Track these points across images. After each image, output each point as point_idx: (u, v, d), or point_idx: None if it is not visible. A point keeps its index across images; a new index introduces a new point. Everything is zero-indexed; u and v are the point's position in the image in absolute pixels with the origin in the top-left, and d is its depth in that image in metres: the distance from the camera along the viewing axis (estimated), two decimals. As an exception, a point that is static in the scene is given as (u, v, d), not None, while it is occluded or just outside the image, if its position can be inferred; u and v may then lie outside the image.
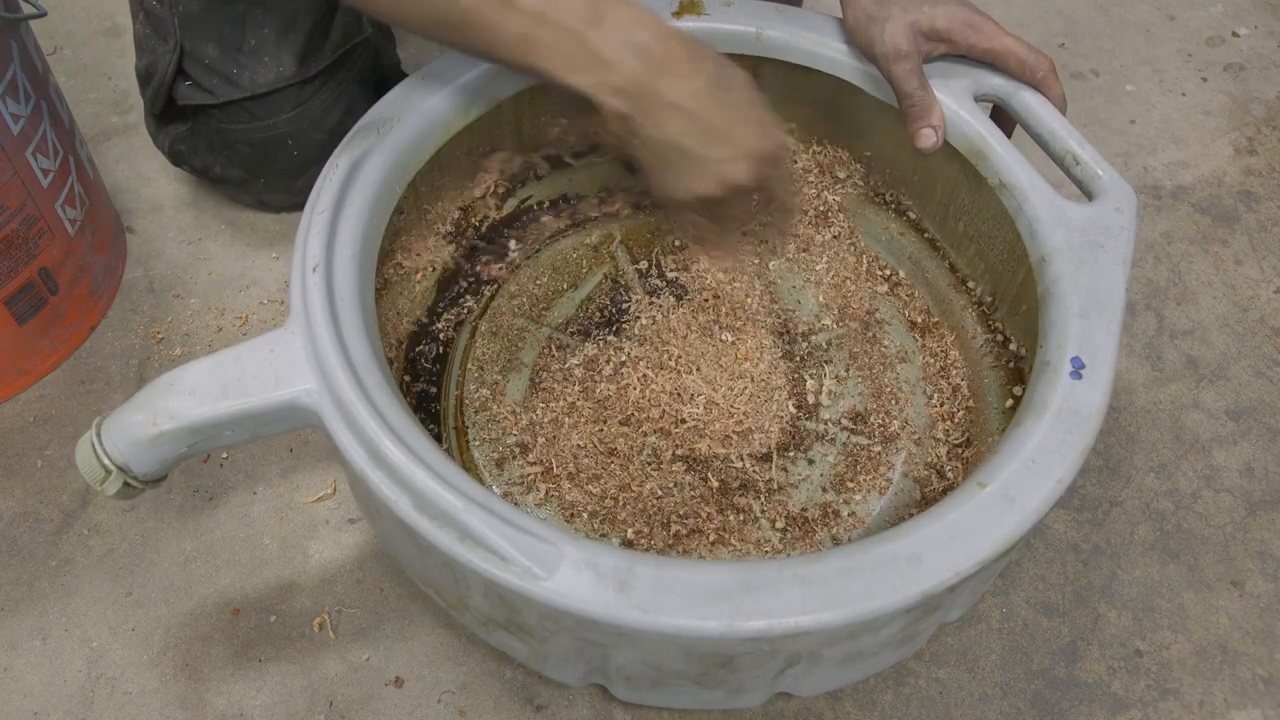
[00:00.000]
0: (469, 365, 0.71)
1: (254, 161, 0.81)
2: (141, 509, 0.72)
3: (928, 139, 0.65)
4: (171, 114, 0.81)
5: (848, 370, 0.72)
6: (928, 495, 0.66)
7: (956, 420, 0.69)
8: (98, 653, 0.67)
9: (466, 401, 0.70)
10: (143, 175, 0.92)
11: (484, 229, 0.76)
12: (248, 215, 0.89)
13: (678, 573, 0.47)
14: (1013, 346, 0.68)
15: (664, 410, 0.68)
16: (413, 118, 0.64)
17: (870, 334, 0.74)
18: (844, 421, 0.70)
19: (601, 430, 0.67)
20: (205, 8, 0.76)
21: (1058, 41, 1.07)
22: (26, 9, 0.69)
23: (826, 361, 0.72)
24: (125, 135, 0.95)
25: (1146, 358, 0.84)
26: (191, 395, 0.53)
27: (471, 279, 0.75)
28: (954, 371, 0.71)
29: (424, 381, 0.71)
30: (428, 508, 0.49)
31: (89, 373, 0.79)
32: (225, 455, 0.75)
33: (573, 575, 0.47)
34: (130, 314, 0.83)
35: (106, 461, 0.53)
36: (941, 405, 0.70)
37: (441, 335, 0.72)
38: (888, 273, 0.77)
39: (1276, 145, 0.99)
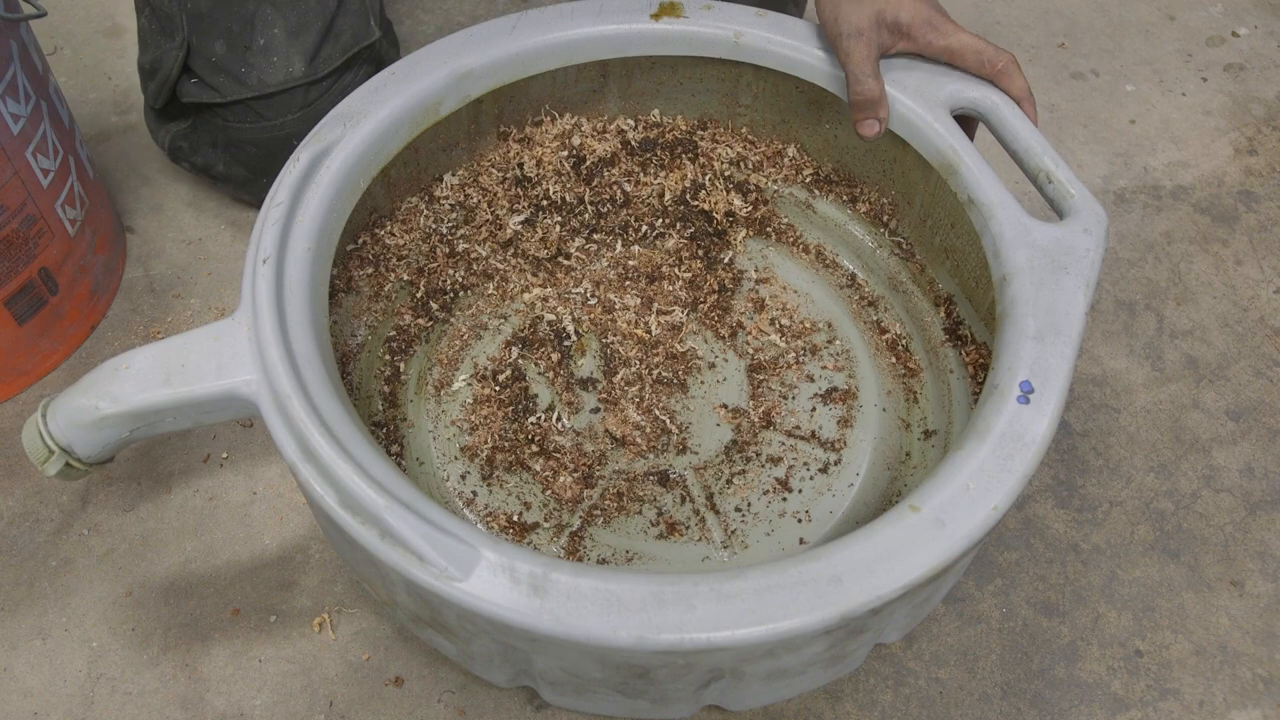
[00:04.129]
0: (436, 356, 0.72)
1: (257, 161, 0.81)
2: (141, 509, 0.72)
3: (871, 128, 0.65)
4: (173, 110, 0.81)
5: (812, 385, 0.71)
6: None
7: (928, 440, 0.69)
8: (98, 653, 0.67)
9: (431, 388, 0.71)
10: (143, 175, 0.92)
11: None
12: (248, 215, 0.89)
13: (593, 581, 0.47)
14: (985, 366, 0.67)
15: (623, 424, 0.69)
16: (380, 112, 0.64)
17: (840, 349, 0.73)
18: (807, 437, 0.69)
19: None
20: (215, 6, 0.76)
21: (1058, 41, 1.07)
22: (26, 9, 0.69)
23: (790, 375, 0.72)
24: (125, 135, 0.95)
25: (1146, 358, 0.84)
26: (135, 381, 0.53)
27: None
28: (925, 390, 0.71)
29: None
30: (351, 504, 0.49)
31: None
32: (225, 455, 0.75)
33: (488, 578, 0.47)
34: (130, 314, 0.83)
35: (50, 443, 0.54)
36: (912, 424, 0.70)
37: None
38: (860, 284, 0.76)
39: (1276, 145, 0.99)
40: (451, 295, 0.74)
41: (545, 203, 0.75)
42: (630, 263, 0.76)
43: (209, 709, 0.65)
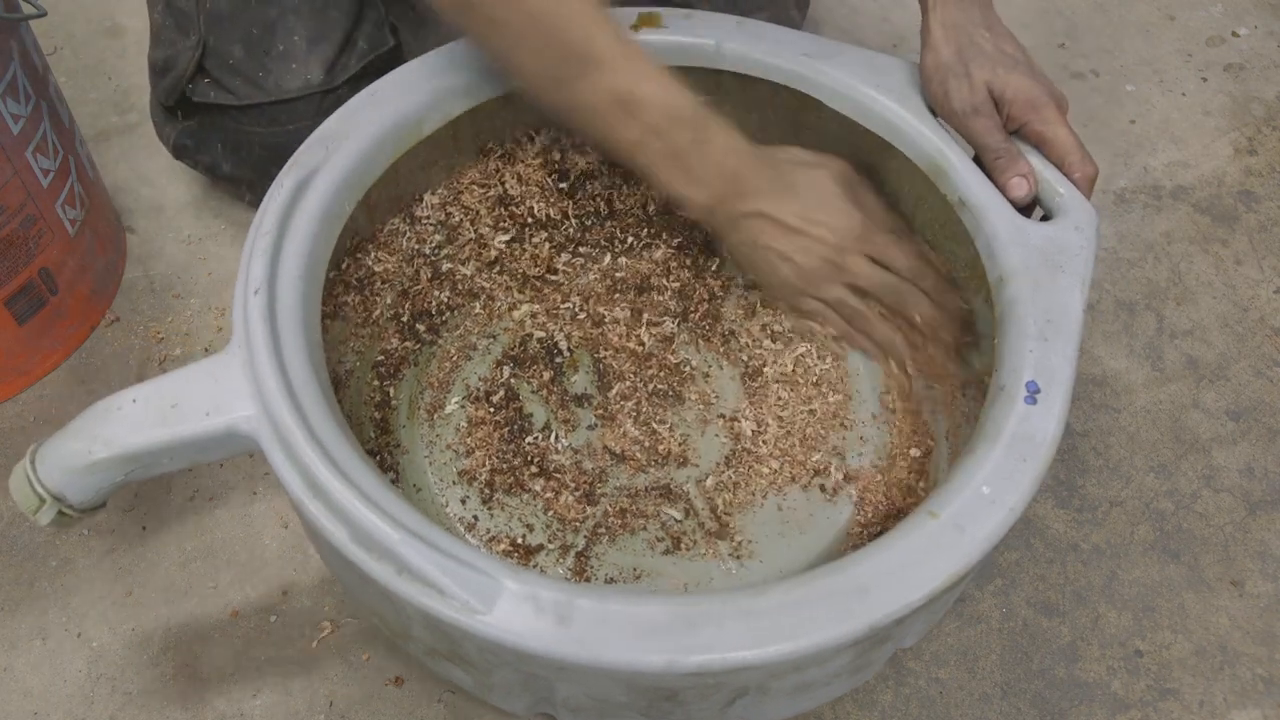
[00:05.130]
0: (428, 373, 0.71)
1: (266, 164, 0.81)
2: (141, 509, 0.72)
3: (1020, 188, 0.62)
4: (182, 108, 0.81)
5: (810, 388, 0.71)
6: (889, 526, 0.65)
7: (922, 448, 0.68)
8: (98, 653, 0.67)
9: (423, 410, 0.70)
10: (143, 175, 0.92)
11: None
12: (248, 215, 0.89)
13: (618, 606, 0.46)
14: (977, 368, 0.66)
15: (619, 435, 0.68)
16: (362, 134, 0.63)
17: (834, 352, 0.73)
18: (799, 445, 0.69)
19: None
20: (235, 8, 0.76)
21: (1058, 41, 1.07)
22: (26, 9, 0.69)
23: (785, 380, 0.72)
24: (125, 135, 0.95)
25: (1146, 358, 0.84)
26: (128, 422, 0.52)
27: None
28: (920, 390, 0.70)
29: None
30: (365, 539, 0.48)
31: (89, 373, 0.79)
32: (225, 455, 0.75)
33: (511, 609, 0.46)
34: (130, 314, 0.83)
35: (41, 490, 0.52)
36: (907, 433, 0.69)
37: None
38: None
39: (1276, 145, 0.99)
40: (439, 318, 0.73)
41: (530, 220, 0.75)
42: (618, 274, 0.75)
43: (209, 709, 0.65)
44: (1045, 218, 0.63)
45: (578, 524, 0.65)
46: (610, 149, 0.63)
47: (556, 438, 0.68)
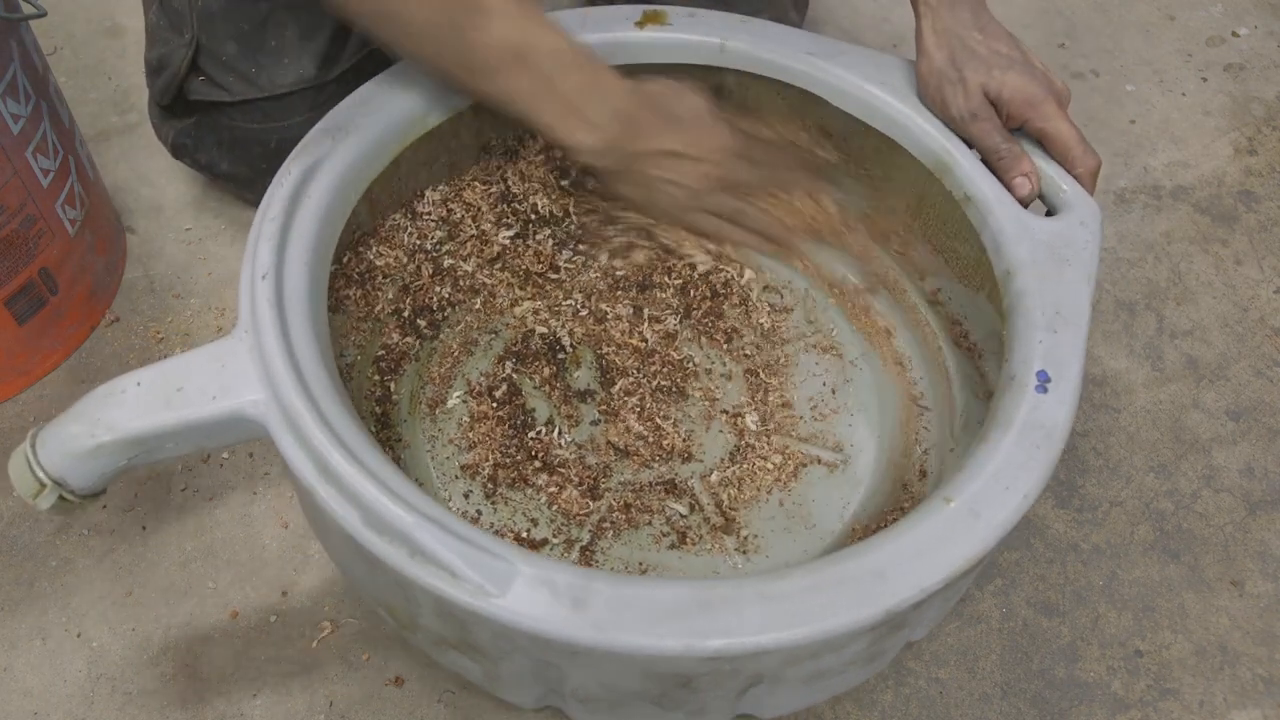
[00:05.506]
0: (430, 369, 0.71)
1: (262, 161, 0.81)
2: (141, 509, 0.72)
3: (1023, 188, 0.63)
4: (178, 108, 0.81)
5: (811, 385, 0.71)
6: (891, 520, 0.65)
7: (928, 438, 0.68)
8: (98, 653, 0.67)
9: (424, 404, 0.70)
10: (143, 175, 0.92)
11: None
12: (248, 215, 0.89)
13: (635, 590, 0.46)
14: (981, 362, 0.67)
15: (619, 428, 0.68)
16: (369, 124, 0.63)
17: (836, 349, 0.73)
18: (809, 437, 0.69)
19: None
20: (227, 5, 0.76)
21: (1058, 41, 1.08)
22: (26, 9, 0.69)
23: (788, 376, 0.71)
24: (125, 135, 0.95)
25: (1146, 358, 0.84)
26: (132, 406, 0.51)
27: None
28: (923, 387, 0.71)
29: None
30: (377, 523, 0.48)
31: (89, 373, 0.79)
32: (226, 455, 0.75)
33: (526, 593, 0.46)
34: (130, 314, 0.83)
35: (41, 475, 0.51)
36: (913, 423, 0.69)
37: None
38: (852, 282, 0.75)
39: (1276, 145, 0.99)
40: (440, 313, 0.73)
41: (533, 216, 0.75)
42: (619, 272, 0.75)
43: (209, 709, 0.65)
44: (1050, 213, 0.63)
45: (582, 519, 0.65)
46: (502, 102, 0.63)
47: (560, 433, 0.68)
